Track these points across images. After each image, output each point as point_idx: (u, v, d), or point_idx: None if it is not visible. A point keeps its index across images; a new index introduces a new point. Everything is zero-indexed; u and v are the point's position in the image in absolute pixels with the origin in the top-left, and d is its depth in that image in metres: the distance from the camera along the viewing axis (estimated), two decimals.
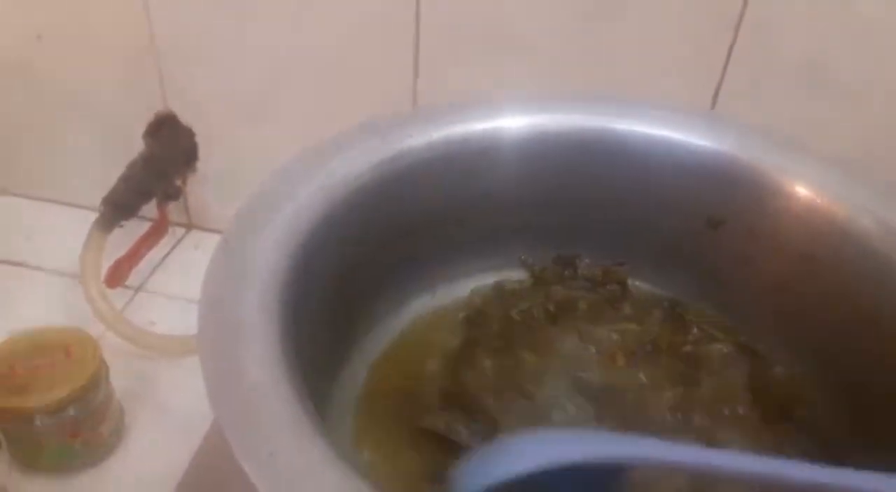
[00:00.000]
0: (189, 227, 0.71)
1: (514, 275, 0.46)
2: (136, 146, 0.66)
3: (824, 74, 0.51)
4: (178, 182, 0.67)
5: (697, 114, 0.42)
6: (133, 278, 0.64)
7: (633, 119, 0.42)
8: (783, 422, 0.38)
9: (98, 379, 0.49)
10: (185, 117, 0.66)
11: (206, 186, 0.69)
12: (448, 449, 0.36)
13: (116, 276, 0.60)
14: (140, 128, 0.66)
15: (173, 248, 0.69)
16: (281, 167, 0.38)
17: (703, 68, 0.52)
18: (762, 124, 0.42)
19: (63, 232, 0.63)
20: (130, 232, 0.66)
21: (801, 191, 0.39)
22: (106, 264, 0.59)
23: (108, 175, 0.63)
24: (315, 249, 0.34)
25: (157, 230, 0.66)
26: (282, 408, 0.26)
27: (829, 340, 0.39)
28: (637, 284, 0.46)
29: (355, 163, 0.37)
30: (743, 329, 0.43)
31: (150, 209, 0.67)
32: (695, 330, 0.43)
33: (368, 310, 0.41)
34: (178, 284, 0.65)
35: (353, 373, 0.40)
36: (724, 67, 0.51)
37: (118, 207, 0.61)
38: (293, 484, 0.24)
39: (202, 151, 0.67)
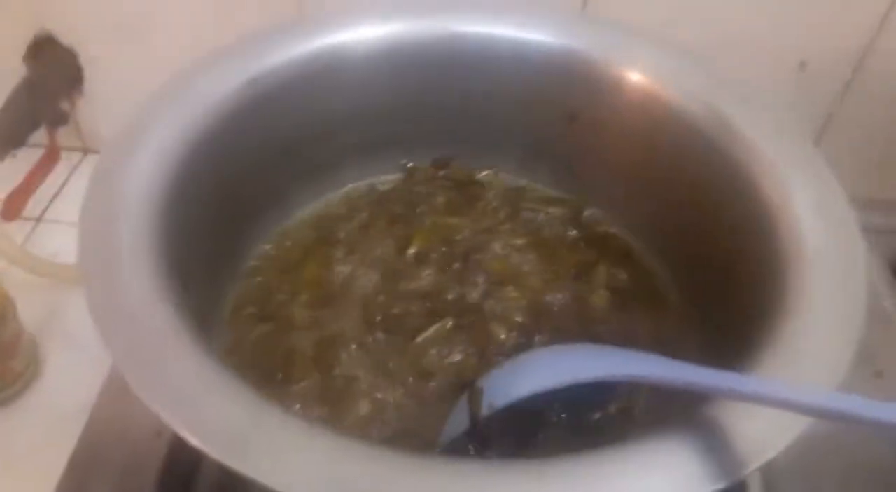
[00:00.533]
0: (85, 151, 0.71)
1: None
2: (19, 73, 0.64)
3: None
4: (65, 106, 0.66)
5: (548, 14, 0.43)
6: (32, 209, 0.64)
7: (483, 22, 0.43)
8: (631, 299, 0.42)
9: (4, 315, 0.49)
10: (67, 39, 0.64)
11: (96, 109, 0.68)
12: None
13: (12, 209, 0.60)
14: (20, 53, 0.64)
15: (70, 174, 0.68)
16: (150, 93, 0.38)
17: None
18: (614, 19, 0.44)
19: None
20: (23, 163, 0.65)
21: (642, 82, 0.42)
22: (1, 200, 0.59)
23: None
24: (190, 171, 0.36)
25: (49, 158, 0.65)
26: (162, 323, 0.29)
27: (670, 221, 0.43)
28: (502, 179, 0.49)
29: (222, 84, 0.38)
30: (599, 216, 0.46)
31: (41, 137, 0.66)
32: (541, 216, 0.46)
33: (253, 225, 0.43)
34: (78, 210, 0.65)
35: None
36: None
37: (3, 138, 0.60)
38: (176, 391, 0.27)
39: (88, 72, 0.66)
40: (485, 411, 0.34)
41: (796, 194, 0.36)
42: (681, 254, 0.42)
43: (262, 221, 0.43)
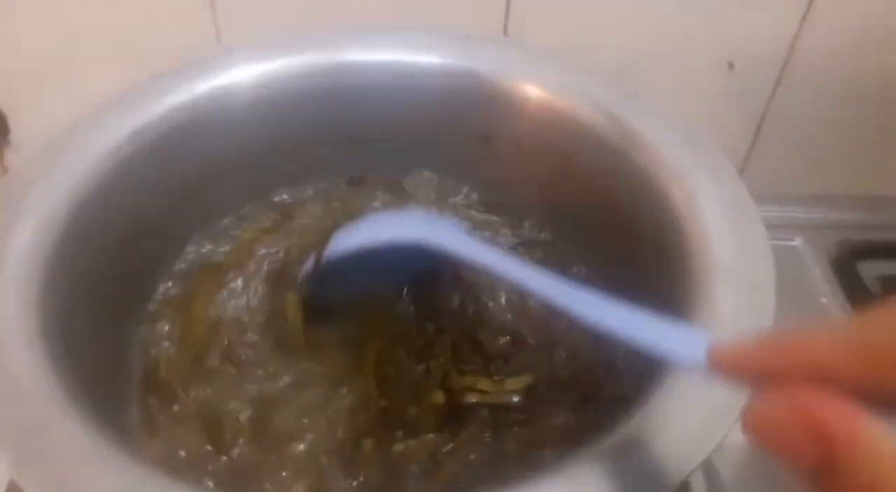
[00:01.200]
0: None
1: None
2: None
3: None
4: None
5: (442, 36, 0.43)
6: None
7: (371, 49, 0.43)
8: None
9: None
10: None
11: (24, 157, 0.67)
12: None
13: None
14: None
15: None
16: (42, 147, 0.37)
17: None
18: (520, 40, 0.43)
19: None
20: None
21: (547, 98, 0.41)
22: None
23: None
24: (80, 232, 0.35)
25: None
26: (38, 394, 0.28)
27: (589, 236, 0.43)
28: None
29: (111, 134, 0.37)
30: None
31: None
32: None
33: (152, 276, 0.42)
34: None
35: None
36: None
37: None
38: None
39: (13, 122, 0.65)
40: (324, 257, 0.39)
41: (704, 204, 0.35)
42: (600, 269, 0.42)
43: (160, 272, 0.42)
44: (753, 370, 0.20)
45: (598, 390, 0.38)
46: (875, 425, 0.17)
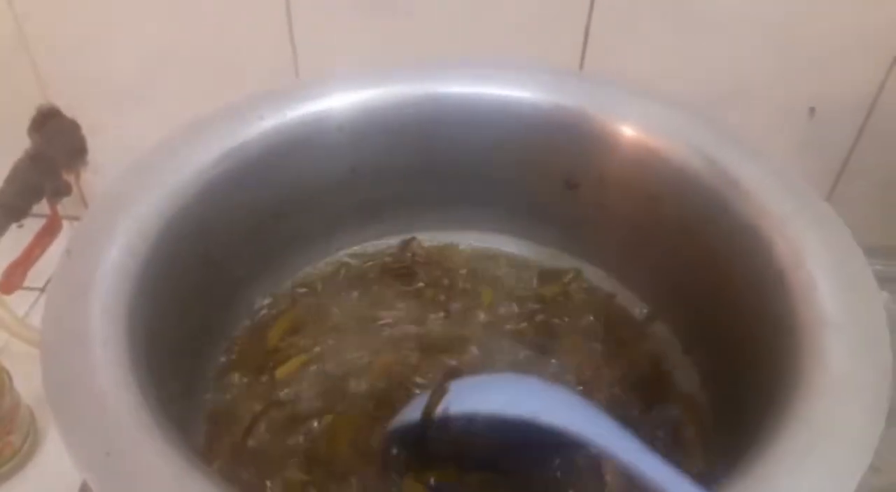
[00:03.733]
0: None
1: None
2: (24, 145, 0.64)
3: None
4: (69, 177, 0.66)
5: (539, 71, 0.42)
6: (36, 279, 0.64)
7: (469, 81, 0.42)
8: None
9: (1, 388, 0.49)
10: (70, 110, 0.65)
11: (101, 177, 0.68)
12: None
13: (10, 281, 0.59)
14: (24, 126, 0.64)
15: None
16: (129, 165, 0.37)
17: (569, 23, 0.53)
18: (616, 75, 0.42)
19: None
20: (30, 233, 0.65)
21: (641, 138, 0.40)
22: (1, 273, 0.59)
23: None
24: (170, 248, 0.35)
25: (50, 229, 0.64)
26: (123, 411, 0.27)
27: (676, 285, 0.41)
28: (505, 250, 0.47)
29: (199, 157, 0.37)
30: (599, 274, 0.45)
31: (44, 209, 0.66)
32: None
33: (236, 300, 0.41)
34: None
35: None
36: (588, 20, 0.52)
37: (7, 209, 0.60)
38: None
39: (91, 142, 0.66)
40: (439, 411, 0.33)
41: (810, 254, 0.34)
42: (687, 322, 0.40)
43: (244, 297, 0.42)
44: None
45: None
46: None
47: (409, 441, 0.35)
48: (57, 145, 0.65)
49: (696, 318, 0.40)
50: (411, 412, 0.35)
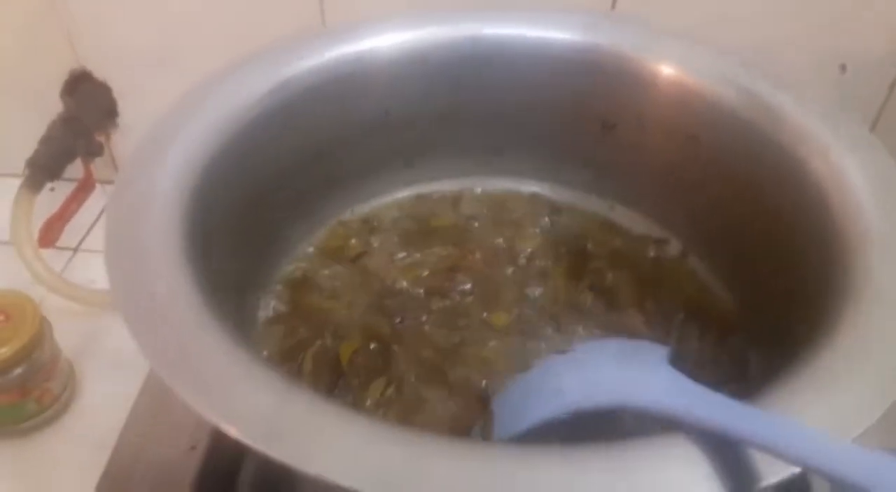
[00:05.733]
0: None
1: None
2: (56, 108, 0.65)
3: None
4: (101, 138, 0.67)
5: (575, 13, 0.43)
6: (70, 239, 0.65)
7: (513, 24, 0.42)
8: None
9: (40, 337, 0.50)
10: (101, 73, 0.66)
11: (130, 140, 0.69)
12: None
13: (48, 235, 0.60)
14: (57, 89, 0.65)
15: (106, 205, 0.69)
16: (175, 101, 0.38)
17: None
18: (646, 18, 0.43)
19: None
20: (62, 196, 0.66)
21: (676, 75, 0.40)
22: (39, 228, 0.59)
23: (32, 140, 0.63)
24: (215, 177, 0.35)
25: (84, 188, 0.66)
26: (188, 314, 0.28)
27: (716, 219, 0.41)
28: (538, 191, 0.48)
29: (247, 90, 0.38)
30: (636, 218, 0.45)
31: (79, 171, 0.67)
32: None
33: (282, 234, 0.42)
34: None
35: (266, 296, 0.41)
36: None
37: (41, 168, 0.61)
38: (210, 381, 0.26)
39: (121, 105, 0.67)
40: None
41: (851, 177, 0.34)
42: (730, 253, 0.41)
43: (291, 230, 0.42)
44: None
45: None
46: None
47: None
48: (89, 108, 0.65)
49: (736, 252, 0.40)
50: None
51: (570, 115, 0.44)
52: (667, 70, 0.41)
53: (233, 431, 0.23)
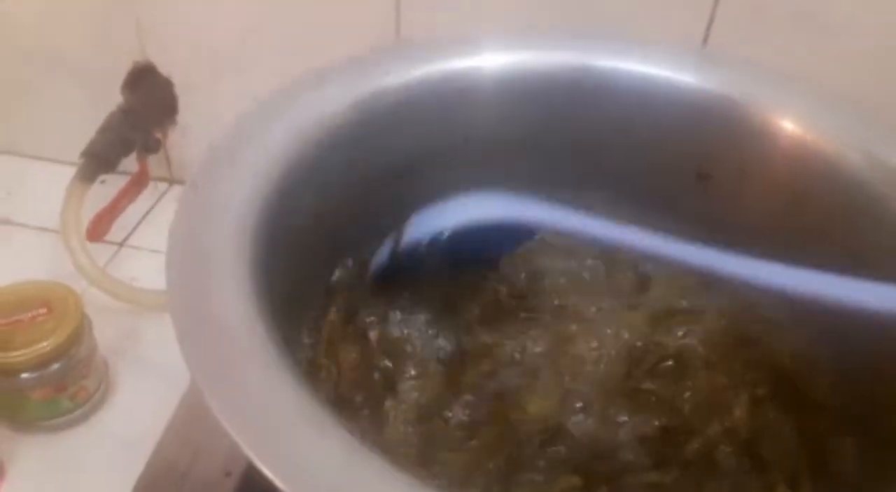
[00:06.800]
0: (171, 181, 0.70)
1: None
2: (116, 99, 0.65)
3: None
4: (158, 135, 0.66)
5: (685, 50, 0.40)
6: (116, 234, 0.64)
7: (619, 56, 0.40)
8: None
9: (81, 333, 0.48)
10: (164, 68, 0.65)
11: (187, 139, 0.68)
12: None
13: (98, 229, 0.59)
14: (119, 80, 0.65)
15: (156, 203, 0.68)
16: (253, 106, 0.36)
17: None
18: (752, 59, 0.40)
19: (44, 188, 0.62)
20: (112, 189, 0.65)
21: (791, 127, 0.37)
22: (88, 220, 0.58)
23: (88, 130, 0.62)
24: (290, 189, 0.33)
25: (138, 183, 0.65)
26: (250, 345, 0.26)
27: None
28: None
29: (331, 101, 0.36)
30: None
31: (131, 165, 0.66)
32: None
33: (351, 252, 0.40)
34: (161, 239, 0.63)
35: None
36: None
37: (97, 159, 0.60)
38: (263, 422, 0.23)
39: (182, 103, 0.66)
40: (402, 244, 0.37)
41: None
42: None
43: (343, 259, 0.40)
44: None
45: None
46: None
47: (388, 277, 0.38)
48: (149, 102, 0.65)
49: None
50: (381, 255, 0.38)
51: (663, 159, 0.41)
52: (791, 127, 0.37)
53: (284, 486, 0.21)
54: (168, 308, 0.26)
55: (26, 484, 0.46)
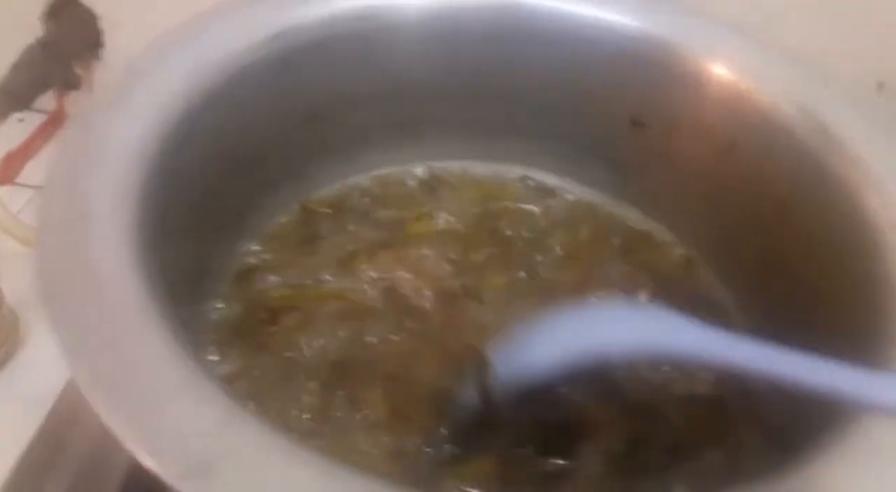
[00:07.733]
0: None
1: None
2: (35, 32, 0.60)
3: None
4: (80, 71, 0.62)
5: None
6: (32, 176, 0.60)
7: None
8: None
9: None
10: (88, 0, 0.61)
11: (112, 75, 0.63)
12: None
13: (8, 171, 0.55)
14: (38, 9, 0.60)
15: None
16: (157, 39, 0.33)
17: None
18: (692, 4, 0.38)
19: None
20: (31, 128, 0.61)
21: (725, 74, 0.36)
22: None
23: (4, 64, 0.58)
24: (191, 132, 0.31)
25: (55, 122, 0.61)
26: (124, 297, 0.23)
27: (740, 225, 0.37)
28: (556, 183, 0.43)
29: (241, 36, 0.33)
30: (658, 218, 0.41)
31: (50, 103, 0.62)
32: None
33: (261, 200, 0.37)
34: None
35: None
36: None
37: (11, 97, 0.56)
38: (133, 393, 0.21)
39: (108, 38, 0.62)
40: (496, 390, 0.29)
41: None
42: (753, 280, 0.37)
43: (273, 197, 0.38)
44: None
45: None
46: None
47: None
48: (71, 35, 0.60)
49: (752, 274, 0.36)
50: (464, 403, 0.31)
51: (597, 105, 0.39)
52: (719, 70, 0.36)
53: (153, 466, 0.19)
54: (35, 274, 0.24)
55: None
